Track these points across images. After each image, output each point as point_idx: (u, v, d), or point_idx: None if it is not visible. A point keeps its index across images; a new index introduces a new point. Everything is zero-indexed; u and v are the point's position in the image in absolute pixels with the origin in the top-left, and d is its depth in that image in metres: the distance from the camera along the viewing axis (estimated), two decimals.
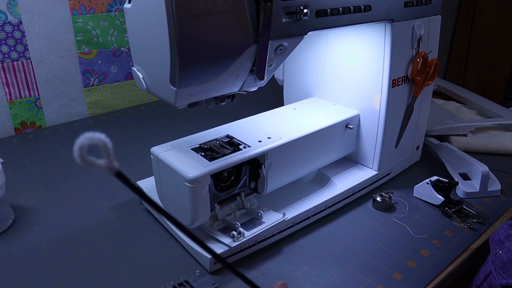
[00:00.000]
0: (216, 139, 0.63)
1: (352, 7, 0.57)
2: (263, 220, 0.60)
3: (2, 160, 0.66)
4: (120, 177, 0.24)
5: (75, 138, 0.22)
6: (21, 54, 0.94)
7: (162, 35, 0.44)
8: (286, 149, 0.63)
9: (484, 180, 0.73)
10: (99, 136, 0.22)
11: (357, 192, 0.72)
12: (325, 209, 0.68)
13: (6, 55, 0.92)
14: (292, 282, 0.55)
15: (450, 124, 0.93)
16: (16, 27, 0.91)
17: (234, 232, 0.57)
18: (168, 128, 1.00)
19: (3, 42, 0.91)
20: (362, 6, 0.59)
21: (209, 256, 0.55)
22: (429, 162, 0.86)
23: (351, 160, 0.79)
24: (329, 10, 0.55)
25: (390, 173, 0.78)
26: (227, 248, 0.56)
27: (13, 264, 0.57)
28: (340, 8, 0.56)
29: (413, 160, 0.84)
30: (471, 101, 1.13)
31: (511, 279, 0.50)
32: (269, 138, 0.63)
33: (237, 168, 0.60)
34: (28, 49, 0.94)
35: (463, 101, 1.16)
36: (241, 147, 0.61)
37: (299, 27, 0.53)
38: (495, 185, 0.75)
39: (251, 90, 0.55)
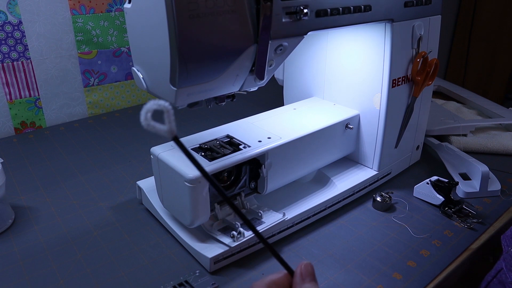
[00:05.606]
0: (216, 139, 0.63)
1: (352, 7, 0.57)
2: (263, 220, 0.60)
3: (2, 160, 0.66)
4: (176, 142, 0.27)
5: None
6: (21, 54, 0.94)
7: (162, 35, 0.44)
8: (286, 149, 0.63)
9: (484, 180, 0.73)
10: (164, 104, 0.24)
11: (357, 192, 0.72)
12: (325, 209, 0.68)
13: (6, 55, 0.92)
14: None
15: (450, 124, 0.93)
16: (16, 27, 0.91)
17: (234, 232, 0.57)
18: None
19: (3, 42, 0.91)
20: (362, 6, 0.58)
21: (209, 256, 0.55)
22: (429, 162, 0.86)
23: (351, 160, 0.79)
24: (329, 10, 0.55)
25: (390, 173, 0.78)
26: (227, 248, 0.56)
27: (13, 264, 0.57)
28: (340, 8, 0.56)
29: (413, 160, 0.84)
30: (471, 101, 1.13)
31: None
32: (269, 138, 0.63)
33: (237, 168, 0.60)
34: (28, 49, 0.94)
35: (463, 101, 1.16)
36: (241, 147, 0.61)
37: (299, 27, 0.53)
38: (495, 185, 0.75)
39: (251, 90, 0.55)
